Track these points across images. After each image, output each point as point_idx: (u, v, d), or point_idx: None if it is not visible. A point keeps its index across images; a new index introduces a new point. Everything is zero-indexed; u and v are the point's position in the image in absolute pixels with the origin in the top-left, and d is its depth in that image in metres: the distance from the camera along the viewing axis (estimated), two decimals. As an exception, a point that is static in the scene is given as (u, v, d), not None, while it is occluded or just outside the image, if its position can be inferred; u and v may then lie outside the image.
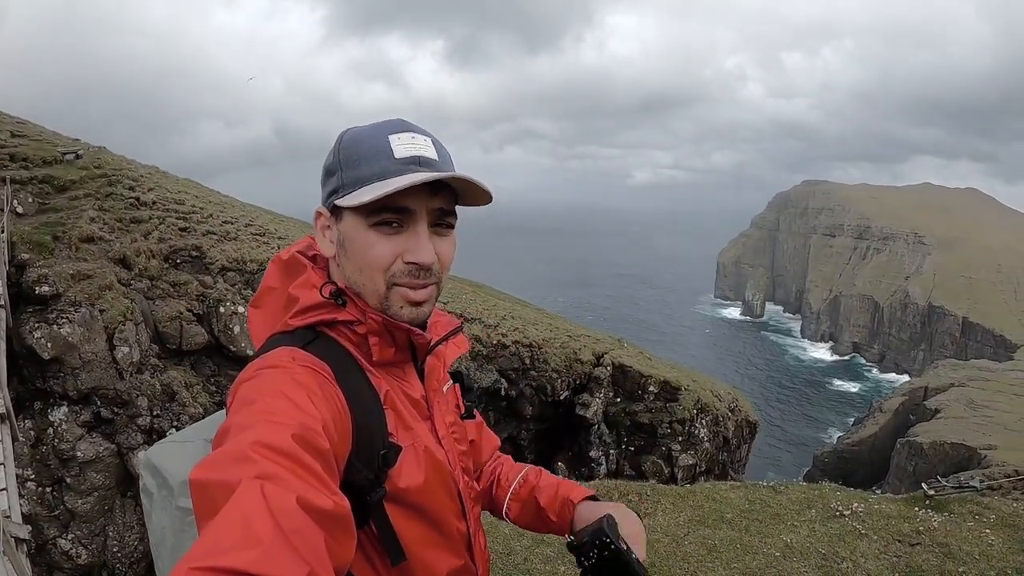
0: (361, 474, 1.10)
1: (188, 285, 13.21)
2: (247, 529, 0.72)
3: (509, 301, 25.93)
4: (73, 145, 16.32)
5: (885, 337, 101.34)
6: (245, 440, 0.86)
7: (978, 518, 6.46)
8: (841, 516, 6.47)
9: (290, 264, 1.27)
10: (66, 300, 10.84)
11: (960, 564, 5.60)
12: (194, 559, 0.68)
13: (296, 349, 1.13)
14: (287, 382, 1.02)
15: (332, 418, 1.02)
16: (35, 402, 10.64)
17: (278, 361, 1.08)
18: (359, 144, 1.19)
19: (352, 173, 1.17)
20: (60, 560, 10.37)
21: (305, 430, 0.92)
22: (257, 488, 0.77)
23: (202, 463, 0.85)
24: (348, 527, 0.87)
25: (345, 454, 1.06)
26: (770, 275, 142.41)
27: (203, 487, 0.81)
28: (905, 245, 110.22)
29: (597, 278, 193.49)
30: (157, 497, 1.28)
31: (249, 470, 0.81)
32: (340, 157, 1.20)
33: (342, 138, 1.23)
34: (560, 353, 17.67)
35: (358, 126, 1.25)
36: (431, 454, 1.24)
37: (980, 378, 54.09)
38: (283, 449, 0.86)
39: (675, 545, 5.98)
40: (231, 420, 0.94)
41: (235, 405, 1.00)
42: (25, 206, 12.60)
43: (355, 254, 1.18)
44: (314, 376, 1.07)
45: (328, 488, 0.86)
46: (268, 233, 17.07)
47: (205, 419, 1.44)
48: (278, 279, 1.27)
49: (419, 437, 1.23)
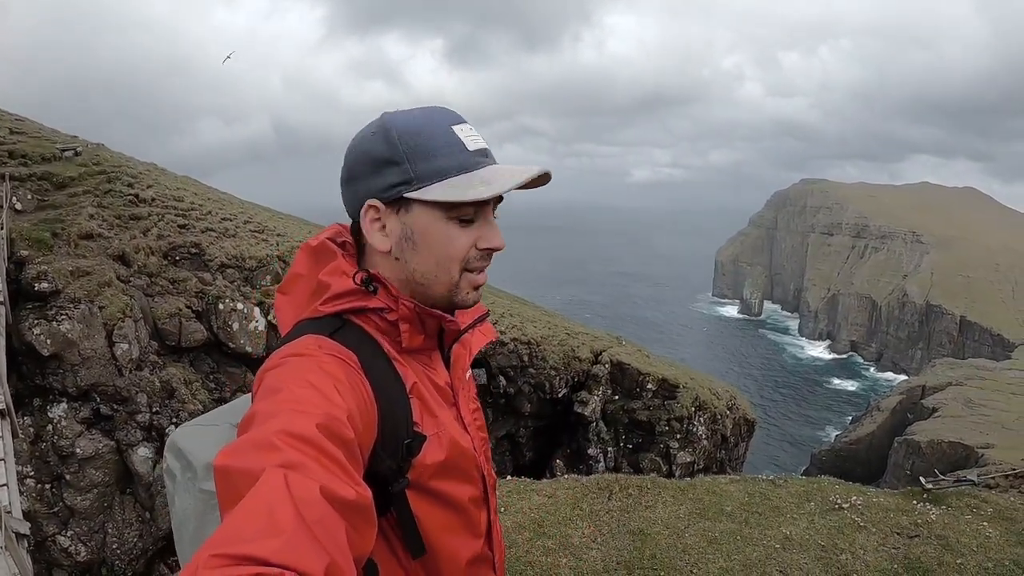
0: (385, 464, 1.10)
1: (187, 282, 13.21)
2: (269, 518, 0.72)
3: (507, 299, 25.94)
4: (72, 142, 16.31)
5: (883, 336, 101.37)
6: (270, 428, 0.86)
7: (976, 511, 6.50)
8: (840, 509, 6.50)
9: (319, 251, 1.25)
10: (65, 297, 10.85)
11: (958, 556, 5.64)
12: (216, 546, 0.68)
13: (323, 337, 1.12)
14: (313, 370, 1.02)
15: (358, 407, 1.02)
16: (34, 399, 10.64)
17: (305, 349, 1.08)
18: (427, 136, 1.17)
19: (428, 166, 1.15)
20: (59, 557, 10.37)
21: (330, 419, 0.91)
22: (280, 477, 0.77)
23: (226, 450, 0.85)
24: (370, 518, 0.87)
25: (370, 444, 1.05)
26: (768, 274, 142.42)
27: (227, 474, 0.82)
28: (903, 244, 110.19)
29: (595, 276, 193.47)
30: (181, 479, 1.26)
31: (273, 458, 0.81)
32: (403, 148, 1.16)
33: (395, 126, 1.18)
34: (558, 351, 17.70)
35: (398, 113, 1.22)
36: (456, 441, 1.24)
37: (977, 377, 54.17)
38: (308, 438, 0.86)
39: (676, 537, 6.01)
40: (256, 407, 0.95)
41: (261, 392, 1.00)
42: (24, 203, 12.61)
43: (433, 247, 1.18)
44: (341, 365, 1.07)
45: (351, 478, 0.86)
46: (267, 230, 17.08)
47: (230, 403, 1.43)
48: (306, 266, 1.25)
49: (444, 425, 1.23)
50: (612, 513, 6.51)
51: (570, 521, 6.36)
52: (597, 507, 6.63)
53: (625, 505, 6.66)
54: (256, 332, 13.24)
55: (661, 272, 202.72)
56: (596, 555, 5.77)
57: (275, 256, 15.05)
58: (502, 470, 16.17)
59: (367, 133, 1.20)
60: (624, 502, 6.72)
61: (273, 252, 15.21)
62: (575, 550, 5.85)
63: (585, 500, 6.78)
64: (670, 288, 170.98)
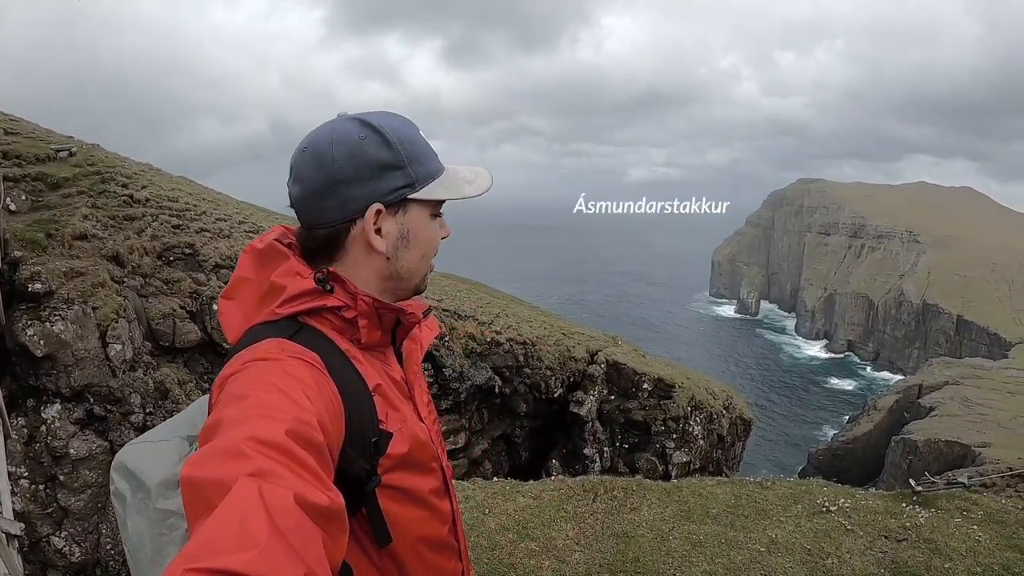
0: (356, 464, 1.10)
1: (181, 282, 13.17)
2: (243, 528, 0.70)
3: (503, 299, 25.92)
4: (66, 142, 16.26)
5: (880, 335, 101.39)
6: (238, 435, 0.84)
7: (965, 514, 6.51)
8: (827, 512, 6.51)
9: (266, 253, 1.24)
10: (59, 297, 10.82)
11: (946, 560, 5.64)
12: (189, 559, 0.67)
13: (284, 340, 1.12)
14: (279, 374, 1.01)
15: (326, 410, 1.01)
16: (28, 399, 10.62)
17: (267, 353, 1.07)
18: (414, 141, 1.26)
19: (422, 169, 1.25)
20: (54, 558, 10.35)
21: (300, 424, 0.90)
22: (253, 486, 0.76)
23: (193, 460, 0.83)
24: (343, 523, 0.86)
25: (339, 445, 1.05)
26: (765, 273, 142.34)
27: (197, 485, 0.79)
28: (900, 243, 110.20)
29: (592, 275, 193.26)
30: (131, 501, 1.23)
31: (244, 467, 0.79)
32: (403, 153, 1.23)
33: (388, 131, 1.22)
34: (554, 350, 17.68)
35: (375, 115, 1.25)
36: (415, 434, 1.25)
37: (974, 376, 54.14)
38: (278, 444, 0.84)
39: (660, 540, 6.02)
40: (222, 414, 0.92)
41: (225, 399, 0.98)
42: (18, 203, 12.57)
43: (424, 242, 1.29)
44: (306, 367, 1.06)
45: (323, 484, 0.85)
46: (261, 230, 17.01)
47: (177, 416, 1.41)
48: (253, 269, 1.24)
49: (406, 421, 1.25)
50: (597, 515, 6.52)
51: (554, 523, 6.36)
52: (582, 509, 6.64)
53: (610, 507, 6.67)
54: (250, 333, 13.25)
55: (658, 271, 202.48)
56: (579, 558, 5.78)
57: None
58: (498, 470, 16.19)
59: (355, 137, 1.20)
60: (609, 504, 6.73)
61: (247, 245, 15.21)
62: (558, 552, 5.85)
63: (570, 502, 6.78)
64: (667, 288, 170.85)
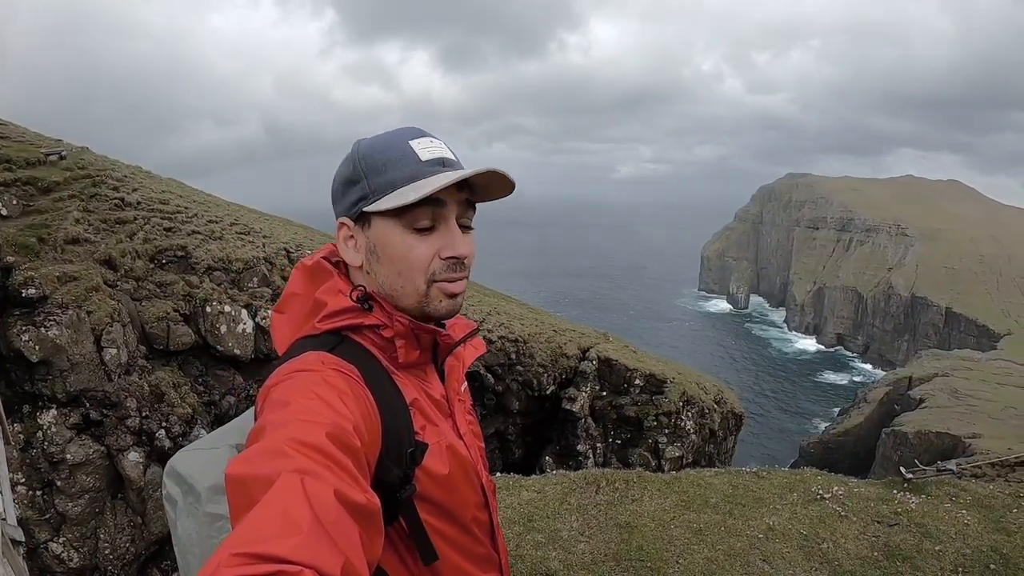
0: (392, 472, 1.12)
1: (174, 285, 13.18)
2: (287, 517, 0.75)
3: (494, 296, 25.98)
4: (56, 146, 16.21)
5: (869, 328, 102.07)
6: (281, 437, 0.89)
7: (954, 500, 6.65)
8: (822, 499, 6.64)
9: (315, 270, 1.28)
10: (53, 302, 10.81)
11: (937, 543, 5.78)
12: (235, 545, 0.71)
13: (324, 353, 1.15)
14: (319, 384, 1.05)
15: (363, 418, 1.05)
16: (24, 405, 10.62)
17: (309, 365, 1.11)
18: (382, 152, 1.22)
19: (380, 179, 1.20)
20: (52, 564, 10.36)
21: (338, 429, 0.94)
22: (296, 480, 0.81)
23: (238, 459, 0.88)
24: (378, 525, 0.90)
25: (375, 454, 1.08)
26: (754, 268, 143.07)
27: (241, 482, 0.84)
28: (888, 237, 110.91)
29: (582, 272, 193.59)
30: (182, 505, 1.28)
31: (287, 464, 0.84)
32: (362, 167, 1.22)
33: (358, 149, 1.25)
34: (546, 348, 17.75)
35: (368, 137, 1.28)
36: (455, 450, 1.28)
37: (964, 368, 54.72)
38: (318, 446, 0.89)
39: (662, 529, 6.13)
40: (265, 419, 0.97)
41: (268, 406, 1.03)
42: (9, 208, 12.53)
43: (394, 258, 1.21)
44: (344, 379, 1.10)
45: (361, 485, 0.89)
46: (253, 232, 17.03)
47: (228, 425, 1.47)
48: (302, 285, 1.28)
49: (443, 435, 1.27)
50: (600, 507, 6.62)
51: (559, 515, 6.46)
52: (585, 501, 6.74)
53: (612, 499, 6.77)
54: (244, 334, 13.23)
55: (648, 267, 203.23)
56: (585, 548, 5.88)
57: (261, 258, 15.02)
58: (492, 467, 16.22)
59: (342, 161, 1.27)
60: (611, 496, 6.83)
61: (259, 254, 15.18)
62: (564, 543, 5.95)
63: (573, 495, 6.88)
64: (657, 283, 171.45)
